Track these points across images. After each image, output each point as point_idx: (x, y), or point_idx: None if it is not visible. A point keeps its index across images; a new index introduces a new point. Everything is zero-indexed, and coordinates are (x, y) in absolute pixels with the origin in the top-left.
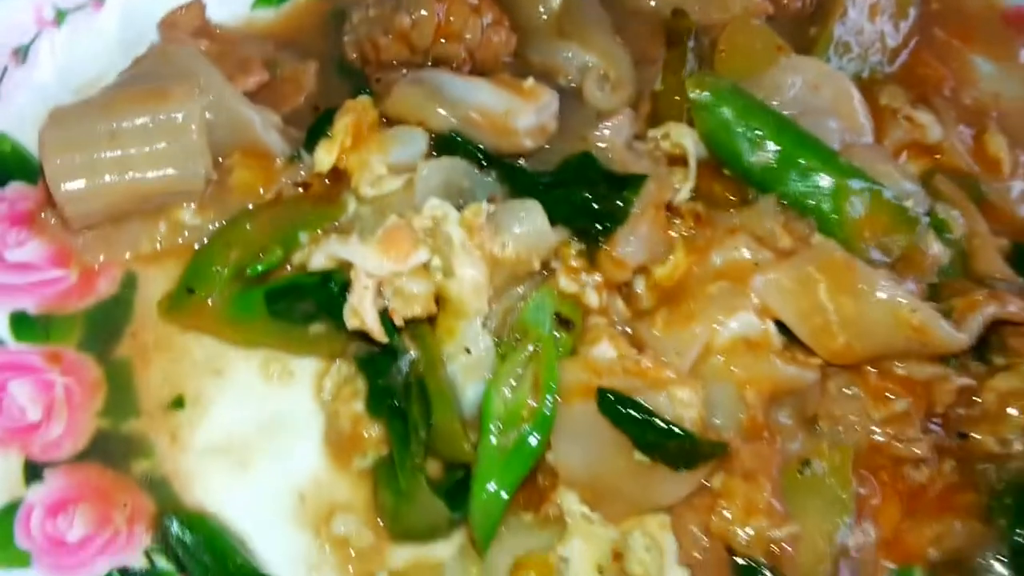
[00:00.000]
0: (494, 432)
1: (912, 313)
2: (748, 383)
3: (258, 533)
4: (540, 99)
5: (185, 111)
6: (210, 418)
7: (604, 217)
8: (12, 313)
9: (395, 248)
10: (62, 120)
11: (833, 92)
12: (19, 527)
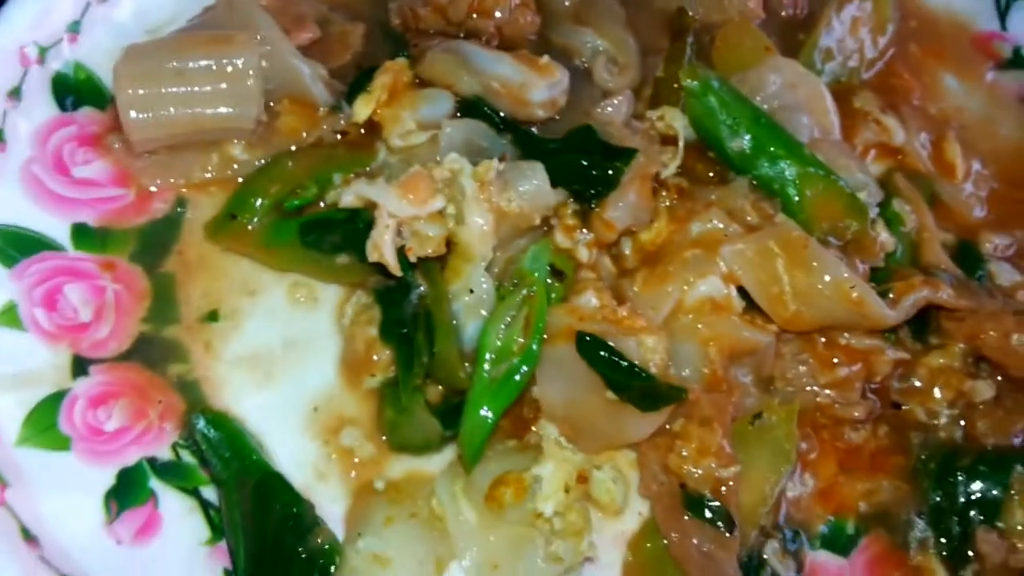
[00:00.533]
0: (487, 363)
1: (852, 288)
2: (711, 340)
3: (274, 438)
4: (553, 76)
5: (244, 58)
6: (241, 332)
7: (598, 182)
8: (74, 224)
9: (416, 193)
10: (136, 56)
11: (807, 92)
12: (63, 415)
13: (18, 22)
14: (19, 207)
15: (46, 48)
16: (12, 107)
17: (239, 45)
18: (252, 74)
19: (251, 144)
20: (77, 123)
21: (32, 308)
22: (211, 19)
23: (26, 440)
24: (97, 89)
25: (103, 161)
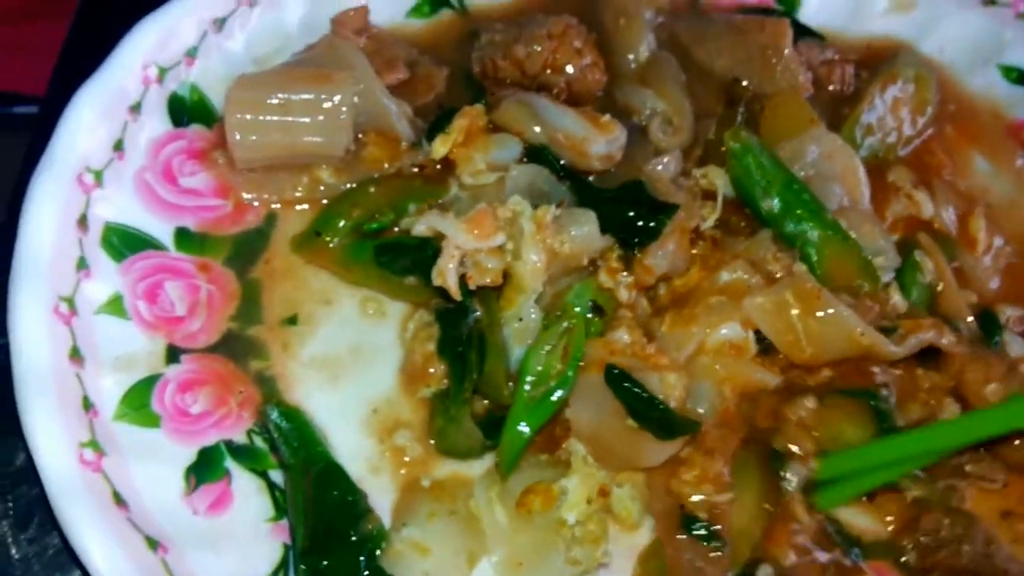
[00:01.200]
0: (528, 384)
1: (861, 334)
2: (726, 380)
3: (336, 433)
4: (612, 133)
5: (340, 95)
6: (315, 337)
7: (642, 233)
8: (177, 228)
9: (480, 228)
10: (246, 85)
11: (842, 163)
12: (155, 396)
13: (143, 45)
14: (131, 209)
15: (166, 69)
16: (132, 120)
17: (336, 83)
18: (345, 110)
19: (338, 169)
20: (187, 138)
21: (135, 300)
22: (313, 57)
23: (122, 416)
24: (207, 109)
25: (207, 174)
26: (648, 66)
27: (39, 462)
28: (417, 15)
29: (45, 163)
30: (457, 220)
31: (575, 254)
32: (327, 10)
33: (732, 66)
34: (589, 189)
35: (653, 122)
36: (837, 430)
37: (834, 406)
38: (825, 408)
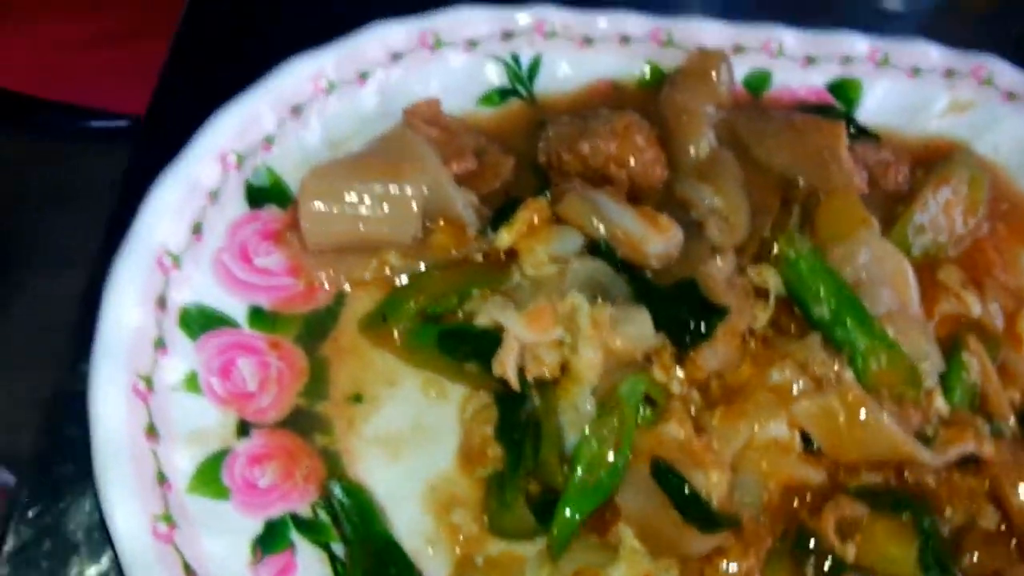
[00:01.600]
0: (580, 471)
1: (903, 444)
2: (771, 476)
3: (396, 508)
4: (669, 233)
5: (410, 187)
6: (378, 415)
7: (694, 334)
8: (250, 306)
9: (539, 323)
10: (320, 175)
11: (892, 268)
12: (225, 469)
13: (223, 134)
14: (208, 289)
15: (244, 156)
16: (210, 205)
17: (407, 175)
18: (414, 202)
19: (406, 254)
20: (261, 219)
21: (209, 376)
22: (385, 147)
23: (195, 489)
24: (282, 191)
25: (280, 254)
26: (708, 162)
27: (115, 534)
28: (487, 104)
29: (127, 247)
30: (518, 314)
31: (629, 350)
32: (400, 99)
33: (789, 164)
34: (645, 285)
35: (710, 220)
36: (874, 538)
37: (875, 509)
38: (863, 510)
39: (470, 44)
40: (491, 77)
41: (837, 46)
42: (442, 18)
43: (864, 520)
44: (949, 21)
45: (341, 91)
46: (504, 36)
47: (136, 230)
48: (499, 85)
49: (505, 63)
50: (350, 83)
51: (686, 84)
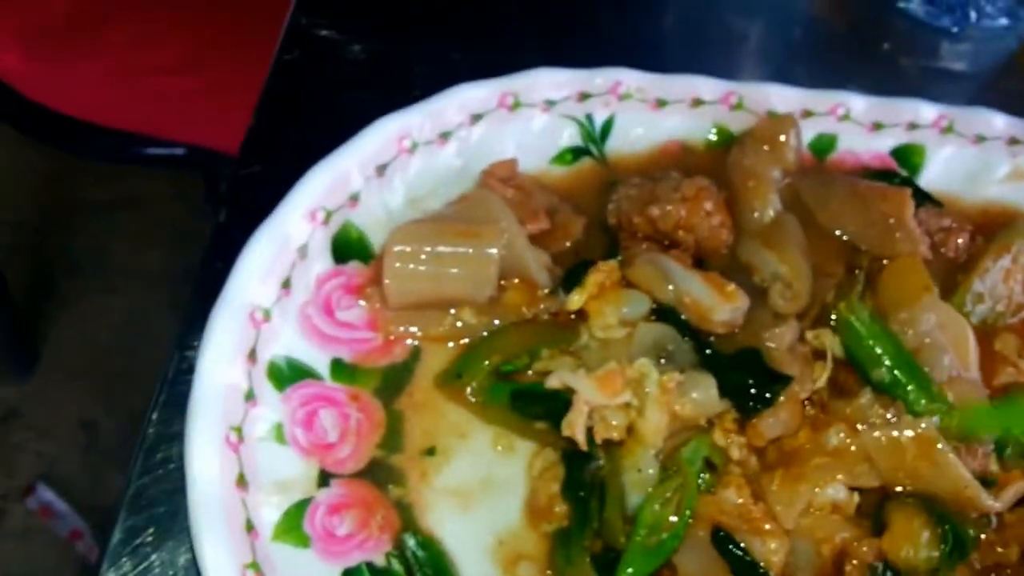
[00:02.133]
0: (642, 533)
1: (966, 487)
2: (825, 541)
3: (464, 559)
4: (736, 302)
5: (488, 250)
6: (450, 467)
7: (757, 400)
8: (333, 358)
9: (608, 387)
10: (405, 234)
11: (955, 334)
12: (307, 518)
13: (314, 191)
14: (294, 342)
15: (331, 212)
16: (299, 260)
17: (486, 238)
18: (492, 265)
19: (480, 311)
20: (345, 274)
21: (294, 427)
22: (466, 208)
23: (279, 536)
24: (365, 246)
25: (361, 308)
26: (772, 227)
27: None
28: (560, 163)
29: (223, 302)
30: (588, 377)
31: (694, 416)
32: (478, 158)
33: (853, 230)
34: (710, 351)
35: (774, 288)
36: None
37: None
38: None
39: (547, 104)
40: (565, 137)
41: (904, 113)
42: (522, 79)
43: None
44: (1013, 83)
45: (423, 150)
46: (580, 97)
47: (231, 285)
48: (572, 145)
49: (580, 123)
50: (431, 143)
51: (754, 148)
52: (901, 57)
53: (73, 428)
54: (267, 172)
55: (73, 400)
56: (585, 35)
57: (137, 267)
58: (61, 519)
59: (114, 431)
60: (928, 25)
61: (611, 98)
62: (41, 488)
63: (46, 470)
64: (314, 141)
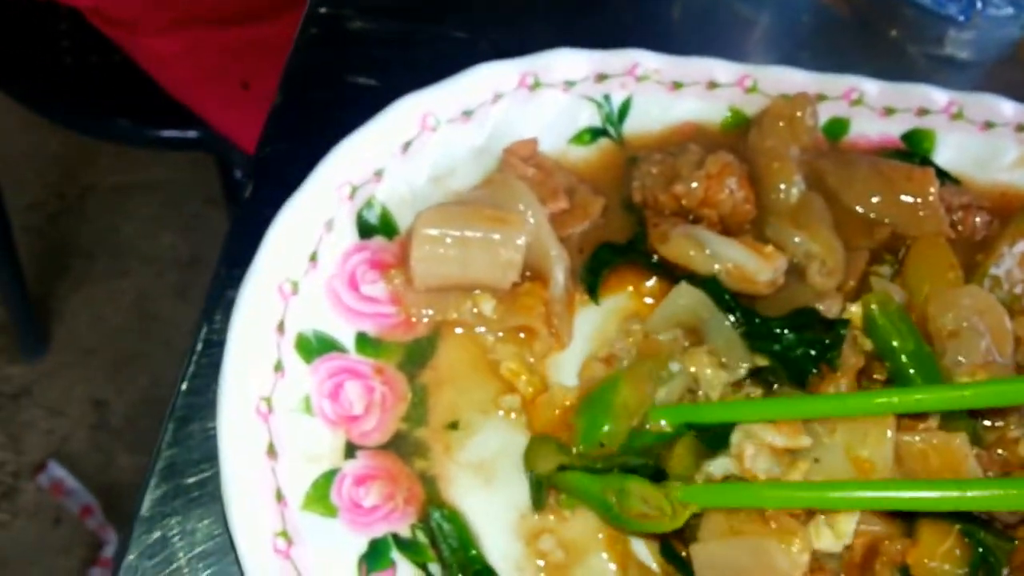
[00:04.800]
0: None
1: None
2: (857, 533)
3: (487, 533)
4: (775, 262)
5: (515, 237)
6: (472, 442)
7: (828, 350)
8: (357, 332)
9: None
10: (432, 217)
11: (993, 320)
12: (334, 488)
13: (341, 167)
14: (321, 314)
15: (357, 187)
16: (326, 233)
17: (512, 225)
18: (518, 252)
19: (501, 299)
20: (370, 249)
21: (321, 399)
22: (491, 193)
23: (307, 506)
24: (389, 222)
25: (384, 284)
26: (799, 207)
27: (241, 551)
28: (578, 143)
29: (253, 273)
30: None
31: None
32: (499, 137)
33: (877, 210)
34: (760, 320)
35: (811, 266)
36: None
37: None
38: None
39: (566, 85)
40: (583, 118)
41: (915, 98)
42: (541, 60)
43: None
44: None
45: (446, 128)
46: (598, 78)
47: (261, 258)
48: (590, 125)
49: (598, 104)
50: (454, 121)
51: (772, 128)
52: (908, 44)
53: (84, 407)
54: (291, 149)
55: (84, 379)
56: (600, 18)
57: (148, 251)
58: (72, 496)
59: (124, 410)
60: (935, 13)
61: (628, 79)
62: (52, 465)
63: (57, 448)
64: (336, 119)
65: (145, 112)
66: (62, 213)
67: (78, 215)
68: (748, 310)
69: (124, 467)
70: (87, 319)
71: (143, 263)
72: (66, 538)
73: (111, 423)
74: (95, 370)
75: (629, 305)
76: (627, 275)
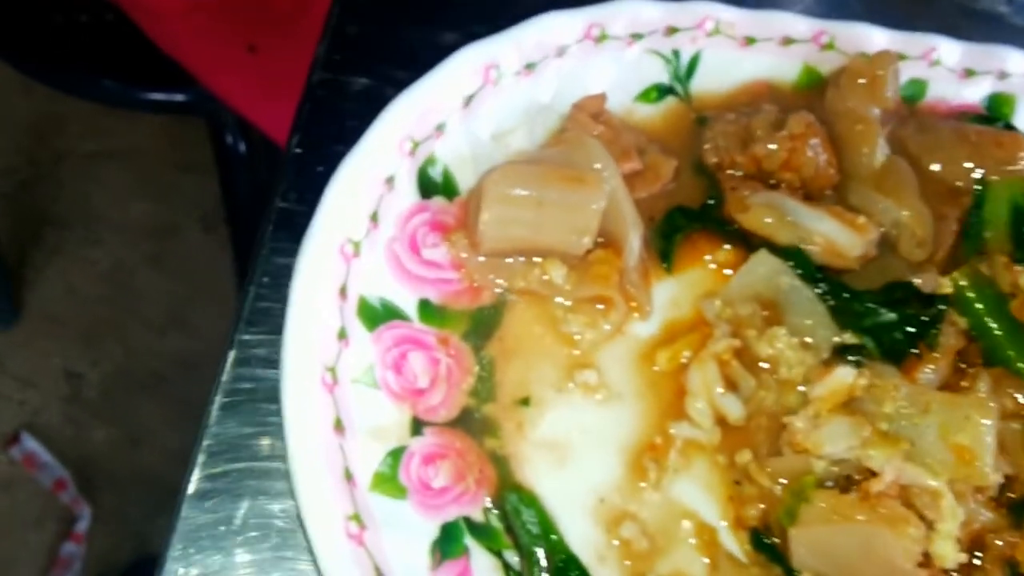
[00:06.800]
0: None
1: None
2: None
3: (564, 518)
4: (869, 234)
5: (593, 198)
6: (545, 420)
7: (928, 326)
8: (420, 299)
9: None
10: (504, 176)
11: None
12: (402, 468)
13: (403, 120)
14: (382, 279)
15: (418, 143)
16: (387, 192)
17: (591, 185)
18: (595, 215)
19: (573, 266)
20: (431, 210)
21: (384, 370)
22: (563, 152)
23: (375, 487)
24: (450, 182)
25: (446, 248)
26: (884, 172)
27: (311, 538)
28: (644, 100)
29: (312, 235)
30: None
31: None
32: (564, 93)
33: (965, 176)
34: (849, 294)
35: (903, 236)
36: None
37: None
38: None
39: (633, 38)
40: (651, 73)
41: (995, 61)
42: (608, 9)
43: None
44: None
45: (509, 82)
46: (667, 31)
47: (322, 216)
48: (658, 82)
49: (666, 59)
50: (518, 74)
51: (853, 88)
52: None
53: (57, 378)
54: (336, 103)
55: (57, 350)
56: None
57: (122, 219)
58: (45, 469)
59: (98, 382)
60: None
61: (699, 33)
62: (25, 437)
63: (29, 420)
64: (384, 73)
65: (133, 74)
66: (34, 180)
67: (50, 183)
68: (837, 283)
69: (98, 440)
70: (60, 289)
71: (116, 232)
72: (38, 512)
73: (84, 395)
74: (68, 341)
75: (705, 276)
76: (701, 243)
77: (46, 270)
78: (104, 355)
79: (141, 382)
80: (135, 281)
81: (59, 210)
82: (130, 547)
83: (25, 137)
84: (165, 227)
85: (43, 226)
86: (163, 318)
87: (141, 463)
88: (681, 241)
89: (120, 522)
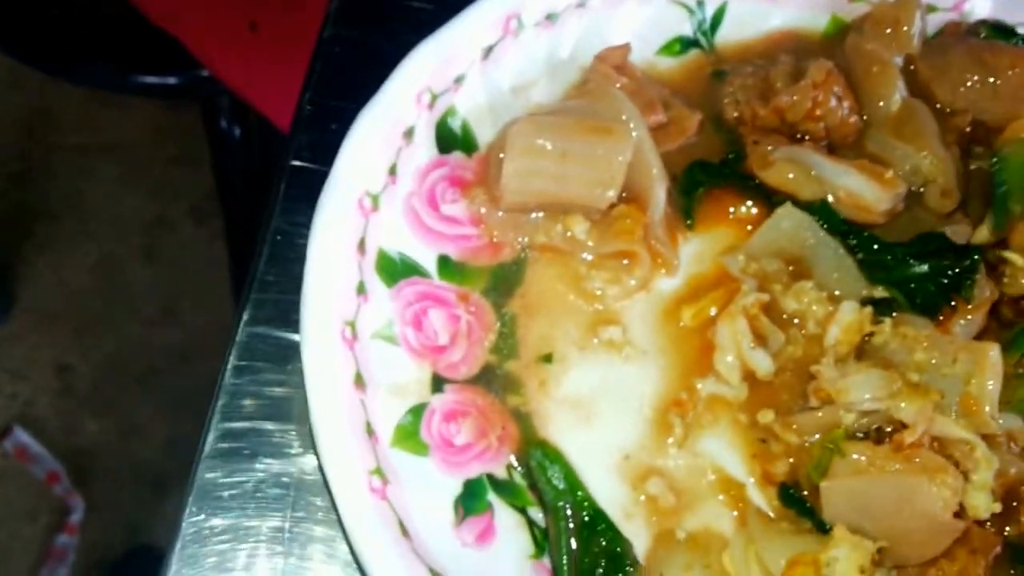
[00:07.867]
0: None
1: None
2: (999, 473)
3: (590, 475)
4: (896, 188)
5: (619, 150)
6: (569, 377)
7: (963, 278)
8: (439, 255)
9: None
10: (527, 128)
11: None
12: (423, 425)
13: (421, 70)
14: (401, 234)
15: (437, 95)
16: (405, 145)
17: (617, 136)
18: (621, 167)
19: (595, 222)
20: (449, 165)
21: (404, 327)
22: (587, 104)
23: (397, 443)
24: (469, 136)
25: (465, 203)
26: (901, 116)
27: (335, 491)
28: (667, 53)
29: (330, 187)
30: None
31: None
32: (585, 45)
33: (975, 100)
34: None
35: (930, 189)
36: None
37: None
38: None
39: None
40: (674, 25)
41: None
42: None
43: None
44: None
45: (529, 33)
46: None
47: (339, 168)
48: (681, 34)
49: (690, 10)
50: (538, 25)
51: (875, 32)
52: None
53: (48, 371)
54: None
55: (48, 343)
56: None
57: (113, 212)
58: (38, 462)
59: (89, 374)
60: None
61: None
62: (17, 430)
63: (21, 413)
64: (398, 28)
65: (127, 59)
66: (25, 174)
67: (41, 176)
68: (867, 235)
69: (90, 432)
70: (51, 282)
71: (107, 225)
72: (31, 504)
73: (76, 387)
74: (59, 334)
75: (728, 232)
76: (723, 198)
77: (37, 263)
78: (95, 348)
79: (132, 374)
80: (126, 274)
81: (50, 204)
82: (123, 538)
83: (16, 131)
84: (156, 220)
85: (34, 219)
86: (154, 311)
87: (133, 455)
88: (702, 197)
89: (113, 513)
